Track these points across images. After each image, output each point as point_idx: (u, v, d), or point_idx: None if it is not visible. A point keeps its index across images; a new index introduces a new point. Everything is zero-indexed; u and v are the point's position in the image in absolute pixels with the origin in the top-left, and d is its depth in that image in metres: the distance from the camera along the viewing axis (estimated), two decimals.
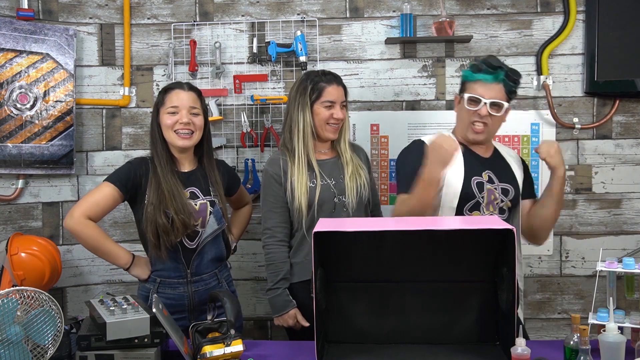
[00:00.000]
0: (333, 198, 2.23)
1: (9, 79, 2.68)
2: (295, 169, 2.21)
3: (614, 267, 1.77)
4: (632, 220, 2.86)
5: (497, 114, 2.03)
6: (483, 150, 2.14)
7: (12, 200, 2.76)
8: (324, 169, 2.26)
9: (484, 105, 2.01)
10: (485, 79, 2.02)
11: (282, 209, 2.24)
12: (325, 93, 2.24)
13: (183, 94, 2.16)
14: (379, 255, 1.81)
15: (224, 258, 2.28)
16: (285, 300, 2.19)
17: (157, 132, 2.16)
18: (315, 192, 2.20)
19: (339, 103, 2.26)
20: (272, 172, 2.25)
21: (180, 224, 2.07)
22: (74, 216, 2.08)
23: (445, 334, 1.81)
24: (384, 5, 2.88)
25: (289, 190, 2.21)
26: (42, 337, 1.55)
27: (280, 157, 2.27)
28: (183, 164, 2.20)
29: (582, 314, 1.70)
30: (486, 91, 2.01)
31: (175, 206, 2.07)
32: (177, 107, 2.13)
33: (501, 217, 2.09)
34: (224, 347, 1.67)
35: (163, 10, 2.92)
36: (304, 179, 2.20)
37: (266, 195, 2.26)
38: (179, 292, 2.16)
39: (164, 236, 2.07)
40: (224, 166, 2.37)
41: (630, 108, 2.84)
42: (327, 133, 2.27)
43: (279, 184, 2.23)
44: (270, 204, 2.25)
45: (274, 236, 2.24)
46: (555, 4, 2.84)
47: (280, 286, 2.20)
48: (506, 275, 1.66)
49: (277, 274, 2.21)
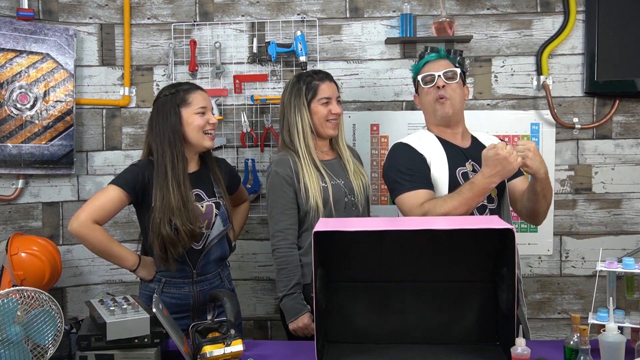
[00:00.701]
0: (344, 197, 2.23)
1: (9, 79, 2.68)
2: (306, 170, 2.20)
3: (614, 267, 1.77)
4: (632, 220, 2.86)
5: (453, 82, 2.08)
6: (460, 141, 2.14)
7: (12, 200, 2.76)
8: (331, 170, 2.26)
9: (438, 77, 2.08)
10: (430, 57, 2.16)
11: (292, 211, 2.20)
12: (320, 90, 2.26)
13: (205, 95, 2.17)
14: (379, 255, 1.81)
15: (227, 257, 2.29)
16: (301, 304, 2.16)
17: (178, 131, 2.08)
18: (329, 191, 2.20)
19: (334, 98, 2.28)
20: (283, 174, 2.20)
21: (187, 234, 2.04)
22: (80, 220, 2.02)
23: (445, 334, 1.81)
24: (384, 5, 2.88)
25: (303, 191, 2.18)
26: (42, 337, 1.55)
27: (288, 157, 2.24)
28: (190, 165, 2.19)
29: (582, 314, 1.70)
30: (435, 67, 2.11)
31: (182, 217, 2.03)
32: (205, 107, 2.13)
33: (490, 206, 2.09)
34: (224, 347, 1.67)
35: (163, 10, 2.92)
36: (316, 179, 2.19)
37: (277, 197, 2.20)
38: (185, 292, 2.16)
39: (171, 248, 2.04)
40: (225, 165, 2.37)
41: (630, 108, 2.84)
42: (328, 130, 2.27)
43: (290, 185, 2.20)
44: (281, 205, 2.20)
45: (286, 239, 2.19)
46: (555, 4, 2.84)
47: (296, 291, 2.16)
48: (506, 275, 1.66)
49: (291, 278, 2.16)
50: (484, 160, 1.87)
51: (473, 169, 2.08)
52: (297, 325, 2.15)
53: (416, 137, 2.15)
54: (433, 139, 2.12)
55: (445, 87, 2.07)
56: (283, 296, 2.17)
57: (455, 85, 2.09)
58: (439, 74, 2.07)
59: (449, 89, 2.07)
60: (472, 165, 2.09)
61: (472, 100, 2.87)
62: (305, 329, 2.15)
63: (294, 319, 2.15)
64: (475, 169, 2.08)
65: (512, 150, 1.85)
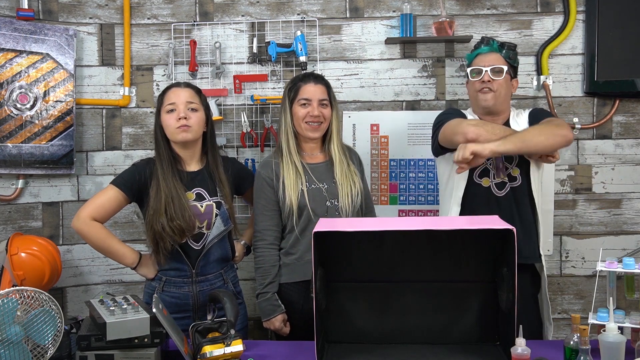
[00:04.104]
0: (325, 202, 2.23)
1: (9, 79, 2.68)
2: (286, 171, 2.22)
3: (614, 267, 1.77)
4: (632, 220, 2.86)
5: (499, 78, 2.20)
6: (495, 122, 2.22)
7: (12, 200, 2.76)
8: (315, 173, 2.25)
9: (485, 72, 2.20)
10: (482, 50, 2.27)
11: (272, 212, 2.24)
12: (301, 92, 2.26)
13: (179, 90, 2.18)
14: (379, 255, 1.82)
15: (229, 259, 2.28)
16: (274, 305, 2.21)
17: (159, 134, 2.18)
18: (305, 195, 2.20)
19: (315, 100, 2.24)
20: (264, 175, 2.25)
21: (174, 230, 2.07)
22: (80, 217, 2.14)
23: (446, 334, 1.81)
24: (384, 5, 2.88)
25: (281, 192, 2.21)
26: (42, 337, 1.55)
27: (273, 159, 2.28)
28: (189, 163, 2.20)
29: (582, 314, 1.70)
30: (485, 60, 2.23)
31: (171, 212, 2.07)
32: (174, 103, 2.14)
33: (512, 184, 2.19)
34: (224, 347, 1.67)
35: (163, 10, 2.92)
36: (294, 180, 2.21)
37: (258, 198, 2.26)
38: (184, 292, 2.16)
39: (161, 242, 2.10)
40: (234, 164, 2.36)
41: (630, 108, 2.84)
42: (306, 132, 2.26)
43: (271, 186, 2.23)
44: (261, 206, 2.25)
45: (264, 239, 2.24)
46: (555, 4, 2.84)
47: (269, 290, 2.21)
48: (506, 275, 1.66)
49: (265, 277, 2.22)
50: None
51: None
52: (270, 325, 2.22)
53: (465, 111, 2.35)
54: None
55: (491, 81, 2.20)
56: (258, 294, 2.24)
57: (501, 80, 2.21)
58: (487, 69, 2.20)
59: (495, 84, 2.20)
60: None
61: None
62: (279, 331, 2.22)
63: (267, 319, 2.22)
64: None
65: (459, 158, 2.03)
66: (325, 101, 2.27)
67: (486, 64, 2.21)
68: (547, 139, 2.06)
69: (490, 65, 2.20)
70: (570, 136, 2.10)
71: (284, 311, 2.21)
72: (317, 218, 2.16)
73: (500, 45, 2.26)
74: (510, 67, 2.24)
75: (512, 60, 2.27)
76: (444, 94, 2.87)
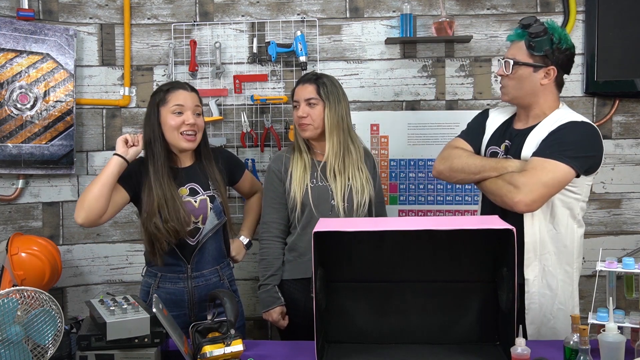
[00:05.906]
0: (330, 200, 2.23)
1: (9, 79, 2.68)
2: (295, 166, 2.24)
3: (614, 267, 1.77)
4: (632, 220, 2.86)
5: (507, 73, 1.99)
6: (522, 124, 2.06)
7: (12, 200, 2.76)
8: (324, 171, 2.26)
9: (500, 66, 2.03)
10: (510, 38, 2.05)
11: (280, 205, 2.26)
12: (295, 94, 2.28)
13: (187, 94, 2.14)
14: (379, 255, 1.81)
15: (224, 254, 2.28)
16: (274, 297, 2.23)
17: (157, 131, 2.12)
18: (309, 192, 2.21)
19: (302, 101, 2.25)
20: (274, 168, 2.28)
21: (169, 231, 2.06)
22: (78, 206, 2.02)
23: (446, 334, 1.81)
24: (384, 5, 2.89)
25: (287, 185, 2.24)
26: (42, 337, 1.55)
27: (285, 154, 2.30)
28: (183, 160, 2.20)
29: (582, 314, 1.70)
30: (509, 51, 2.03)
31: (165, 214, 2.05)
32: (182, 106, 2.11)
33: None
34: (224, 347, 1.67)
35: (163, 10, 2.92)
36: (302, 177, 2.22)
37: (267, 191, 2.30)
38: (179, 287, 2.16)
39: (156, 243, 2.08)
40: (223, 154, 2.35)
41: (630, 108, 2.84)
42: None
43: (279, 179, 2.26)
44: (269, 199, 2.28)
45: (269, 231, 2.27)
46: (555, 4, 2.84)
47: (271, 282, 2.24)
48: (506, 275, 1.66)
49: (268, 269, 2.25)
50: None
51: (505, 149, 2.04)
52: (268, 317, 2.24)
53: (505, 108, 2.19)
54: (506, 114, 2.15)
55: (503, 76, 2.02)
56: (259, 285, 2.26)
57: (512, 74, 1.98)
58: (502, 61, 2.01)
59: (505, 79, 2.02)
60: (506, 146, 2.04)
61: (471, 100, 2.87)
62: (277, 323, 2.24)
63: (266, 310, 2.24)
64: (507, 149, 2.03)
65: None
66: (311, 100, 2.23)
67: (506, 54, 2.01)
68: (494, 197, 1.93)
69: (506, 58, 1.99)
70: (520, 206, 1.83)
71: (283, 304, 2.23)
72: (319, 216, 2.17)
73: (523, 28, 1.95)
74: (531, 57, 1.94)
75: (533, 49, 1.94)
76: (444, 94, 2.87)
